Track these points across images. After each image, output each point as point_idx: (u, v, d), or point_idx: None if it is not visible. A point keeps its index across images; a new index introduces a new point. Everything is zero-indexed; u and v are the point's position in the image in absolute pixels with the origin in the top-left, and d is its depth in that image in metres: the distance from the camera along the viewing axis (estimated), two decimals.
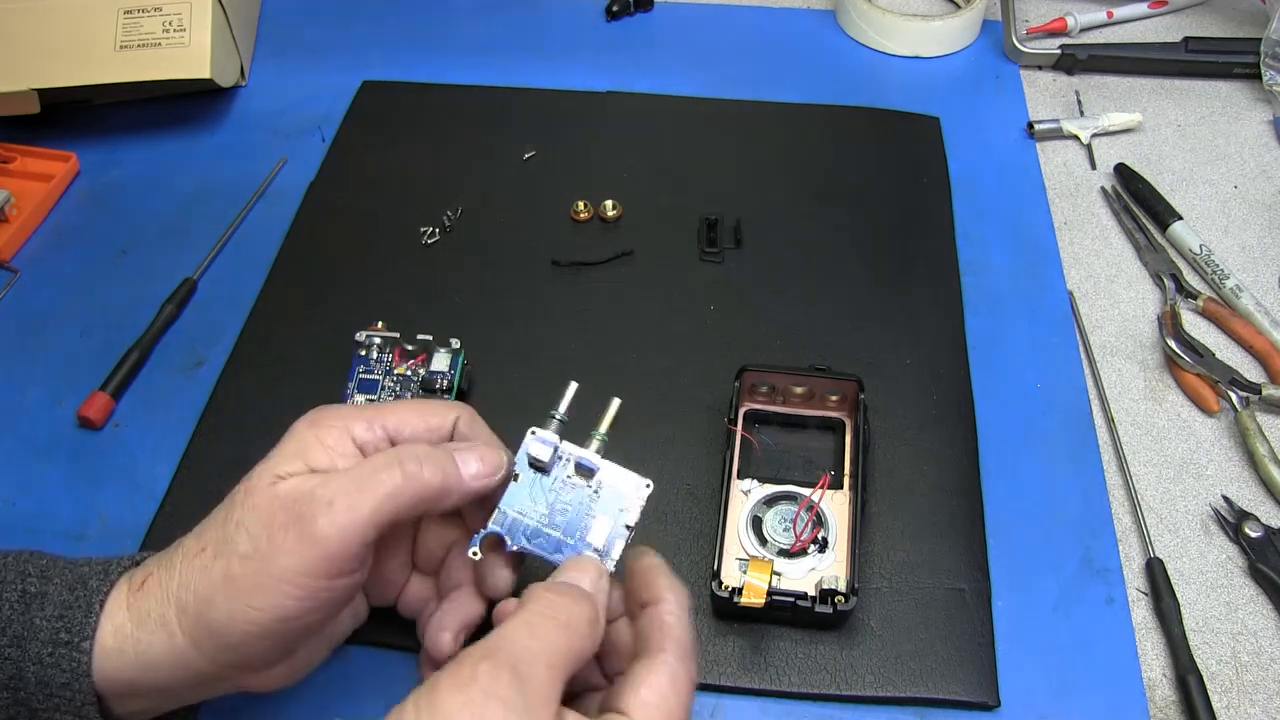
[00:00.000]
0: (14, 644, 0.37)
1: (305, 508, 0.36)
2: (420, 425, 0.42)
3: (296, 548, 0.36)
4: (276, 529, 0.36)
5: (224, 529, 0.38)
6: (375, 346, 0.58)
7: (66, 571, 0.39)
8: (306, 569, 0.36)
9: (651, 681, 0.36)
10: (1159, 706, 0.48)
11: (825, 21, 0.84)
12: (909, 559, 0.52)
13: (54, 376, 0.61)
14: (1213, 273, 0.65)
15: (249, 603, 0.36)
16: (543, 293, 0.64)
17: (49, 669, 0.37)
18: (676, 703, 0.36)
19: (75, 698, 0.37)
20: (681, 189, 0.70)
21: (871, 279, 0.65)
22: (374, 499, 0.37)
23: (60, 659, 0.37)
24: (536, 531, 0.42)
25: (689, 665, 0.38)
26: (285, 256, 0.67)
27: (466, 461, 0.40)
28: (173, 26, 0.72)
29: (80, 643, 0.37)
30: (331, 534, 0.36)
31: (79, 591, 0.38)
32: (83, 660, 0.37)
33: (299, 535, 0.36)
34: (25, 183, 0.70)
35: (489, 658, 0.33)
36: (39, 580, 0.38)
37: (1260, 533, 0.53)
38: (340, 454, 0.39)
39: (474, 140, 0.74)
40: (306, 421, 0.40)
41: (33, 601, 0.38)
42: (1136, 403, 0.60)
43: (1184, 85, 0.80)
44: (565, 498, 0.43)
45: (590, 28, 0.84)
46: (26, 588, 0.38)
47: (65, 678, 0.37)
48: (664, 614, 0.38)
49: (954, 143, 0.73)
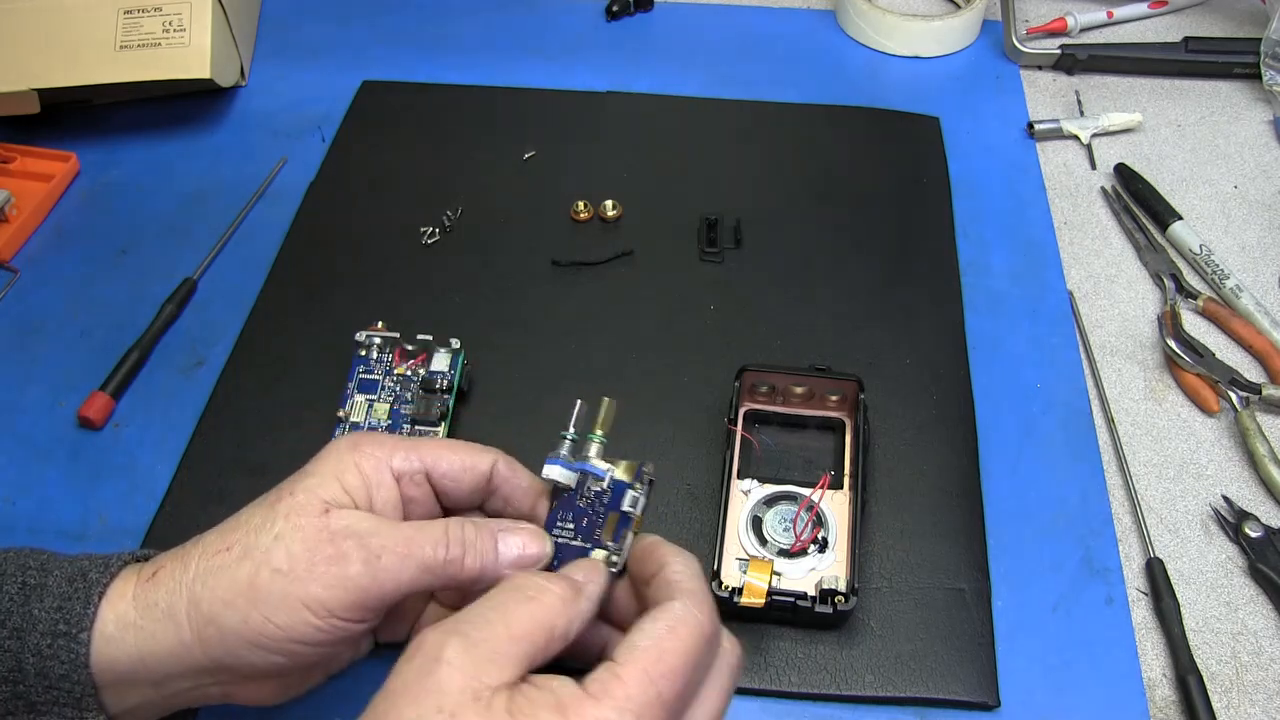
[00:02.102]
0: (13, 636, 0.37)
1: (353, 550, 0.37)
2: (458, 464, 0.42)
3: (333, 584, 0.36)
4: (319, 560, 0.37)
5: (257, 536, 0.38)
6: (375, 346, 0.58)
7: (66, 565, 0.39)
8: (335, 605, 0.36)
9: (646, 627, 0.34)
10: (1159, 706, 0.48)
11: (825, 21, 0.84)
12: (909, 559, 0.52)
13: (54, 376, 0.61)
14: (1213, 273, 0.65)
15: (268, 615, 0.36)
16: (543, 293, 0.64)
17: (47, 660, 0.37)
18: (674, 647, 0.34)
19: (74, 689, 0.37)
20: (681, 189, 0.70)
21: (871, 279, 0.65)
22: (415, 569, 0.37)
23: (59, 650, 0.37)
24: (566, 546, 0.42)
25: (698, 614, 0.35)
26: (285, 256, 0.67)
27: (509, 546, 0.40)
28: (173, 26, 0.72)
29: (78, 634, 0.37)
30: (369, 586, 0.37)
31: (78, 584, 0.38)
32: (80, 651, 0.37)
33: (339, 575, 0.36)
34: (25, 183, 0.70)
35: (437, 629, 0.33)
36: (38, 573, 0.38)
37: (1260, 533, 0.53)
38: (376, 483, 0.40)
39: (474, 140, 0.74)
40: (348, 443, 0.41)
41: (32, 594, 0.38)
42: (1136, 403, 0.60)
43: (1184, 85, 0.80)
44: (584, 507, 0.43)
45: (590, 28, 0.84)
46: (26, 580, 0.38)
47: (64, 669, 0.37)
48: (669, 575, 0.37)
49: (954, 143, 0.73)
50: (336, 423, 0.56)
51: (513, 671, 0.33)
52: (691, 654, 0.34)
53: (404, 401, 0.57)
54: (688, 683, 0.34)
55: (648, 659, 0.33)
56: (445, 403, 0.56)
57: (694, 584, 0.37)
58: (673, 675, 0.33)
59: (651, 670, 0.33)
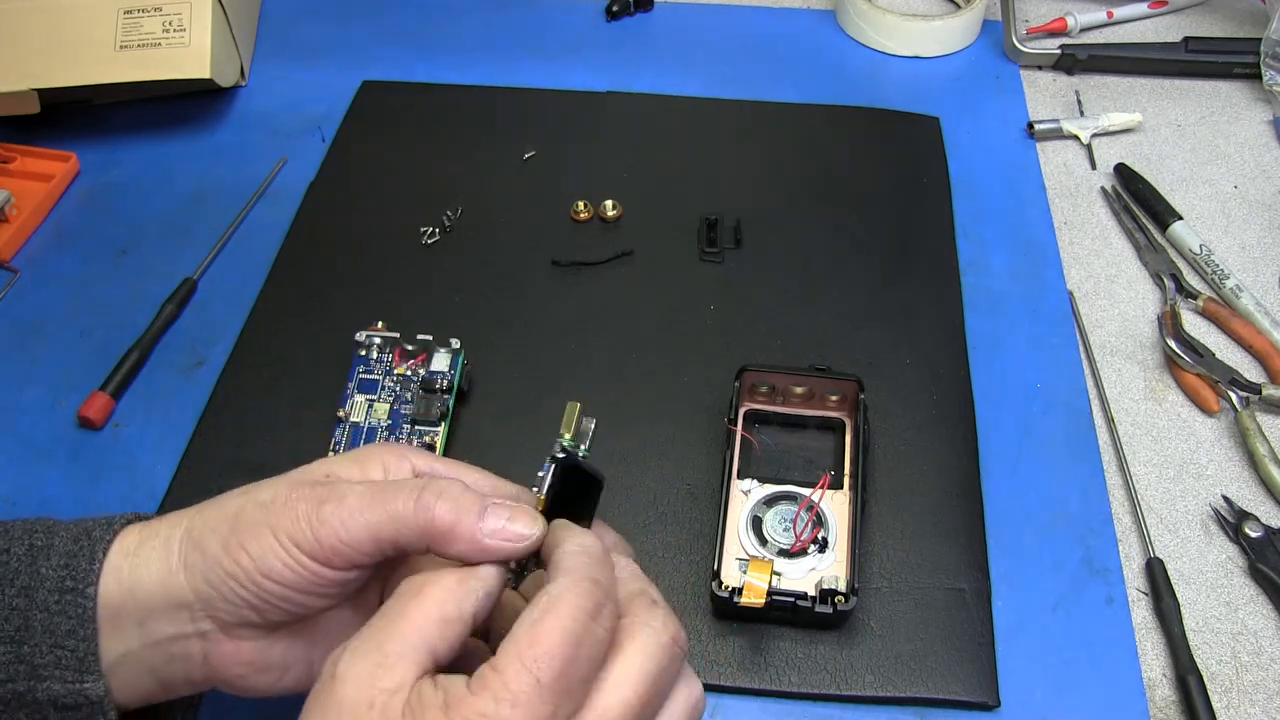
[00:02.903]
0: (21, 594, 0.38)
1: (326, 493, 0.38)
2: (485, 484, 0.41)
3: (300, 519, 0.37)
4: (297, 498, 0.38)
5: (260, 483, 0.39)
6: (375, 346, 0.58)
7: (72, 526, 0.40)
8: (301, 540, 0.37)
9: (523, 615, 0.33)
10: (1159, 706, 0.48)
11: (825, 21, 0.84)
12: (909, 559, 0.52)
13: (54, 376, 0.61)
14: (1213, 273, 0.65)
15: (242, 541, 0.37)
16: (543, 293, 0.64)
17: (55, 616, 0.37)
18: (550, 627, 0.32)
19: (79, 648, 0.37)
20: (681, 189, 0.70)
21: (871, 279, 0.65)
22: (379, 514, 0.37)
23: (66, 605, 0.37)
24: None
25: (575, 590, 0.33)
26: (285, 256, 0.67)
27: (495, 515, 0.37)
28: (173, 26, 0.72)
29: (85, 589, 0.37)
30: (333, 524, 0.37)
31: (83, 541, 0.39)
32: (87, 606, 0.37)
33: (307, 512, 0.37)
34: (25, 183, 0.70)
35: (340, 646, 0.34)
36: (45, 535, 0.39)
37: (1260, 533, 0.53)
38: (395, 473, 0.41)
39: (474, 140, 0.74)
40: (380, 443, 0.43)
41: (39, 554, 0.38)
42: (1136, 403, 0.60)
43: (1184, 85, 0.80)
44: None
45: (590, 28, 0.84)
46: (33, 542, 0.39)
47: (70, 624, 0.37)
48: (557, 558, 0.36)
49: (954, 143, 0.73)
50: (336, 423, 0.56)
51: (407, 672, 0.33)
52: (570, 633, 0.33)
53: (404, 401, 0.57)
54: (570, 661, 0.32)
55: (521, 645, 0.32)
56: (445, 403, 0.56)
57: (577, 560, 0.35)
58: (550, 657, 0.32)
59: (525, 655, 0.32)
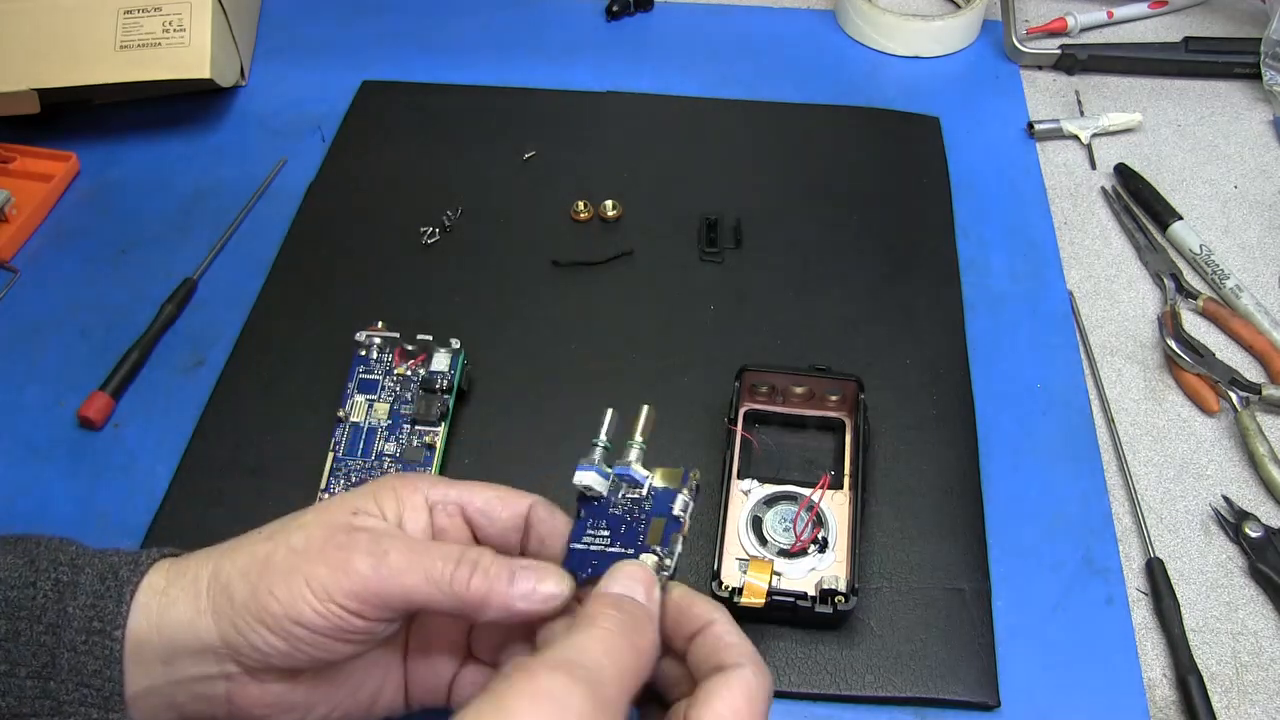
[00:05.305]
0: (49, 631, 0.38)
1: (363, 542, 0.38)
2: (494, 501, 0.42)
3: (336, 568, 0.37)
4: (331, 545, 0.38)
5: (287, 525, 0.39)
6: (375, 346, 0.58)
7: (97, 560, 0.40)
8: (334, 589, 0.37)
9: (726, 695, 0.35)
10: (1159, 706, 0.48)
11: (825, 21, 0.84)
12: (909, 559, 0.52)
13: (54, 376, 0.61)
14: (1213, 273, 0.65)
15: (272, 587, 0.37)
16: (543, 293, 0.64)
17: (82, 656, 0.37)
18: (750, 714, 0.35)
19: (105, 687, 0.37)
20: (681, 189, 0.70)
21: (871, 279, 0.65)
22: (416, 577, 0.38)
23: (93, 646, 0.37)
24: (601, 554, 0.41)
25: (765, 679, 0.36)
26: (285, 256, 0.66)
27: (524, 579, 0.39)
28: (173, 26, 0.71)
29: (112, 631, 0.38)
30: (370, 577, 0.37)
31: (109, 581, 0.39)
32: (114, 649, 0.37)
33: (343, 560, 0.37)
34: (25, 183, 0.70)
35: (561, 670, 0.33)
36: (70, 569, 0.39)
37: (1260, 533, 0.53)
38: (409, 505, 0.41)
39: (474, 140, 0.74)
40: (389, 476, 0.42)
41: (65, 591, 0.38)
42: (1136, 403, 0.60)
43: (1184, 85, 0.80)
44: (620, 514, 0.42)
45: (590, 28, 0.84)
46: (59, 577, 0.39)
47: (97, 665, 0.37)
48: (721, 634, 0.38)
49: (954, 143, 0.73)
50: (336, 423, 0.56)
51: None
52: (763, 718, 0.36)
53: (404, 401, 0.57)
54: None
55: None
56: (445, 403, 0.56)
57: (749, 646, 0.38)
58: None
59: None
